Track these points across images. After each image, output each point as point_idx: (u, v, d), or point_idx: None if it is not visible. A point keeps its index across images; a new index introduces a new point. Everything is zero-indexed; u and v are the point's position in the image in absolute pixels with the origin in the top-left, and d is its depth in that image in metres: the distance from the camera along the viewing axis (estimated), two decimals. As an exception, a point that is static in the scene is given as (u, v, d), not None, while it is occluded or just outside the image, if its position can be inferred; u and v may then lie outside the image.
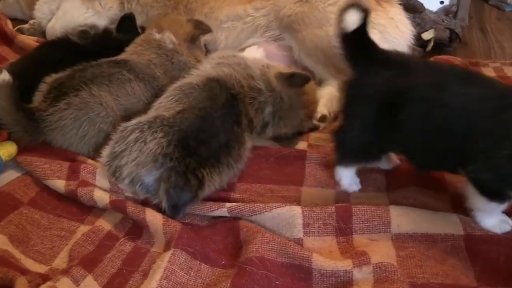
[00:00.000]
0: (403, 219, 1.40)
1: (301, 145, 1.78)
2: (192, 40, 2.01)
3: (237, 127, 1.60)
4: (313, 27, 2.06)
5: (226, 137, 1.54)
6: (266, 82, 1.71)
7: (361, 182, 1.60)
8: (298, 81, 1.74)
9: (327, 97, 2.02)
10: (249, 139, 1.65)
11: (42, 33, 2.67)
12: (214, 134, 1.52)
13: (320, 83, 2.10)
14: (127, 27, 2.11)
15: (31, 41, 2.47)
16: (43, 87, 1.72)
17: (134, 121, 1.52)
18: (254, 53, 2.05)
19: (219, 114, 1.57)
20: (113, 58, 1.89)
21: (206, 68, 1.76)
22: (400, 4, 2.27)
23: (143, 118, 1.52)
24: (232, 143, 1.55)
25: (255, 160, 1.68)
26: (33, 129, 1.66)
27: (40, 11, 2.65)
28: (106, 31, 2.09)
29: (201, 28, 2.06)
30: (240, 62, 1.76)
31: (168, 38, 1.96)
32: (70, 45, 2.00)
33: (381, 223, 1.40)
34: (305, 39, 2.07)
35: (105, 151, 1.53)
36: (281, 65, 1.89)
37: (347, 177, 1.56)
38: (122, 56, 1.93)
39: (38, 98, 1.72)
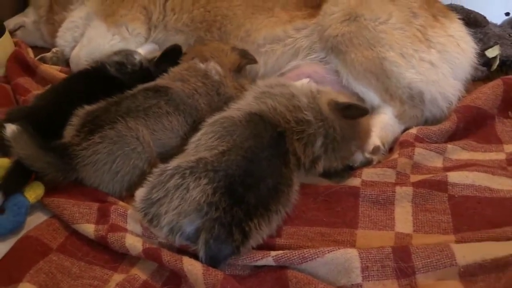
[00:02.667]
0: (468, 249, 1.42)
1: (353, 181, 1.81)
2: (238, 70, 2.08)
3: (285, 168, 1.62)
4: (362, 48, 2.10)
5: (274, 180, 1.56)
6: (315, 111, 1.74)
7: (425, 223, 1.62)
8: (354, 113, 1.76)
9: (380, 126, 2.05)
10: (297, 180, 1.67)
11: (65, 61, 2.76)
12: (262, 177, 1.54)
13: (371, 110, 2.11)
14: (173, 58, 2.18)
15: (54, 71, 2.57)
16: (75, 121, 1.80)
17: (173, 164, 1.56)
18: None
19: (266, 154, 1.59)
20: (153, 84, 1.96)
21: (248, 100, 1.81)
22: (460, 18, 2.30)
23: (183, 162, 1.55)
24: (281, 186, 1.58)
25: (303, 200, 1.70)
26: (66, 167, 1.73)
27: (63, 38, 2.75)
28: (143, 66, 2.19)
29: (247, 57, 2.12)
30: (284, 92, 1.79)
31: (214, 68, 2.03)
32: (106, 77, 2.12)
33: (444, 256, 1.41)
34: (354, 61, 2.11)
35: (140, 195, 1.58)
36: (332, 91, 1.91)
37: None
38: (164, 81, 1.99)
39: (69, 132, 1.79)
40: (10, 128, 1.68)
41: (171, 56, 2.20)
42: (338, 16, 2.18)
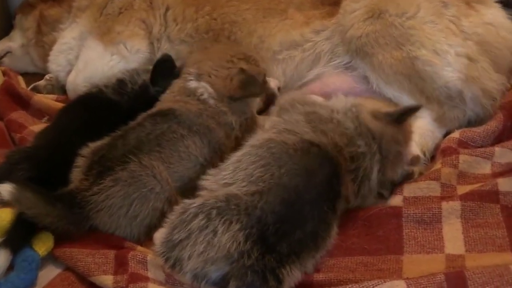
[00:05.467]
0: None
1: (394, 199, 1.82)
2: (233, 100, 2.02)
3: (332, 213, 1.62)
4: (390, 48, 2.13)
5: (315, 226, 1.56)
6: (364, 135, 1.74)
7: (478, 241, 1.63)
8: (408, 115, 1.81)
9: (419, 132, 2.06)
10: (335, 224, 1.67)
11: (61, 88, 2.79)
12: (300, 223, 1.54)
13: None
14: (164, 73, 2.18)
15: (50, 101, 2.60)
16: (80, 162, 1.81)
17: (197, 201, 1.55)
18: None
19: (313, 195, 1.58)
20: (155, 110, 1.97)
21: (300, 121, 1.77)
22: (497, 1, 2.29)
23: (210, 199, 1.55)
24: (320, 232, 1.58)
25: (340, 227, 1.71)
26: (77, 217, 1.74)
27: (56, 62, 2.78)
28: (143, 86, 2.20)
29: (249, 91, 2.02)
30: (332, 117, 1.76)
31: (205, 89, 2.00)
32: (102, 103, 2.15)
33: (504, 283, 1.42)
34: (382, 64, 2.13)
35: (159, 237, 1.59)
36: (364, 100, 1.94)
37: None
38: (164, 105, 1.99)
39: (77, 175, 1.80)
40: (6, 190, 1.68)
41: (163, 69, 2.19)
42: (360, 14, 2.20)
